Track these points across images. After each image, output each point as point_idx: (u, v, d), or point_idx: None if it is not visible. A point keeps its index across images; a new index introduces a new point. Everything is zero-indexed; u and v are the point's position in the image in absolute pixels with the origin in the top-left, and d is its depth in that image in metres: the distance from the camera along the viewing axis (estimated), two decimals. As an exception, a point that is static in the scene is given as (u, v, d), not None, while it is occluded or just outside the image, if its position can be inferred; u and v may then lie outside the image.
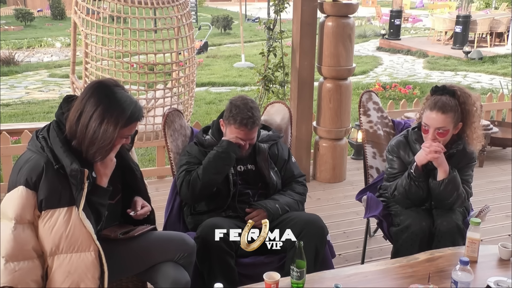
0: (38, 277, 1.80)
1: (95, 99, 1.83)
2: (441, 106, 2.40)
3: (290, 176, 2.62)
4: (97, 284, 1.82)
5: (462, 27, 13.08)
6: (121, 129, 1.86)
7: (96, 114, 1.81)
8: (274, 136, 2.65)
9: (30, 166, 1.80)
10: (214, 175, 2.38)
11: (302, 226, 2.32)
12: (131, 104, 1.87)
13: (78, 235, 1.80)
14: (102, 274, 1.84)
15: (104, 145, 1.84)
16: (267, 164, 2.53)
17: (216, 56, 13.06)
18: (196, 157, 2.50)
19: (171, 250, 2.08)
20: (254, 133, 2.45)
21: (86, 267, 1.81)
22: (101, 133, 1.81)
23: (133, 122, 1.90)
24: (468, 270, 1.87)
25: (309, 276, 1.99)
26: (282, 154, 2.63)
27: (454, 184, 2.45)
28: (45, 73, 11.11)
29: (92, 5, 4.04)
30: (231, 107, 2.42)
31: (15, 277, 1.74)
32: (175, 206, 2.65)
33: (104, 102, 1.82)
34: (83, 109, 1.83)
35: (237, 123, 2.38)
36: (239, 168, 2.51)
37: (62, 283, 1.80)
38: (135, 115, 1.89)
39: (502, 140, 5.06)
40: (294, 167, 2.66)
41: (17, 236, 1.75)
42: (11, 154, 3.84)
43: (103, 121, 1.81)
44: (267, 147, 2.58)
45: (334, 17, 4.07)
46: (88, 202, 1.86)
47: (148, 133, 4.08)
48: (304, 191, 2.64)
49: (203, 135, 2.59)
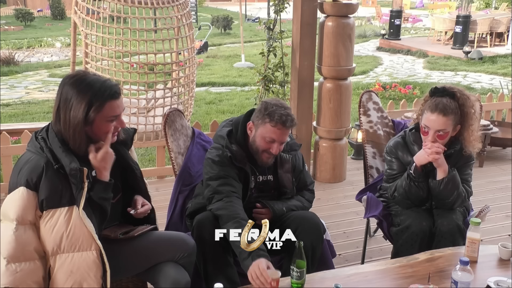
0: (40, 278, 1.80)
1: (67, 87, 1.83)
2: (442, 108, 2.39)
3: (303, 185, 2.57)
4: (99, 283, 1.83)
5: (462, 27, 13.08)
6: (96, 109, 1.81)
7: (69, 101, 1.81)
8: (294, 145, 2.54)
9: (30, 166, 1.80)
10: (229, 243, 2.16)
11: (298, 223, 2.30)
12: (98, 82, 1.84)
13: (79, 234, 1.80)
14: (104, 273, 1.84)
15: (77, 125, 1.80)
16: (291, 175, 2.45)
17: (216, 56, 13.06)
18: (228, 168, 2.32)
19: (171, 250, 2.08)
20: (287, 135, 2.32)
21: (88, 266, 1.81)
22: (72, 114, 1.80)
23: (106, 100, 1.84)
24: (468, 270, 1.87)
25: (309, 276, 1.99)
26: (299, 165, 2.55)
27: (454, 183, 2.45)
28: (45, 73, 11.12)
29: (92, 5, 4.04)
30: (266, 106, 2.29)
31: (17, 278, 1.74)
32: (177, 206, 2.64)
33: (75, 88, 1.81)
34: (59, 102, 1.83)
35: (274, 121, 2.23)
36: (258, 179, 2.43)
37: (64, 283, 1.80)
38: (105, 92, 1.83)
39: (502, 140, 5.06)
40: (307, 176, 2.60)
41: (18, 237, 1.76)
42: (11, 154, 3.85)
43: (73, 103, 1.80)
44: (290, 158, 2.47)
45: (334, 17, 4.07)
46: (91, 200, 1.86)
47: (148, 133, 4.08)
48: (312, 198, 2.61)
49: (230, 143, 2.37)
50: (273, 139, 2.27)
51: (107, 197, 1.93)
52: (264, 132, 2.28)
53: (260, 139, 2.30)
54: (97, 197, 1.88)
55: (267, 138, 2.28)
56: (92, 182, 1.89)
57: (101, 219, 1.92)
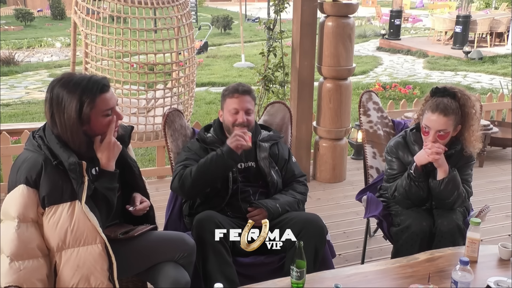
0: (44, 276, 1.80)
1: (56, 90, 1.83)
2: (443, 108, 2.39)
3: (291, 176, 2.63)
4: (106, 276, 1.83)
5: (462, 27, 13.08)
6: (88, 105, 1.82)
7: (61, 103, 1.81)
8: (275, 136, 2.66)
9: (29, 164, 1.81)
10: (206, 176, 2.35)
11: (302, 226, 2.32)
12: (84, 80, 1.85)
13: (83, 228, 1.81)
14: (111, 265, 1.85)
15: (73, 125, 1.81)
16: (268, 162, 2.54)
17: (216, 56, 13.06)
18: (196, 153, 2.50)
19: (171, 250, 2.09)
20: (249, 102, 2.48)
21: (94, 260, 1.82)
22: (66, 116, 1.81)
23: (96, 94, 1.84)
24: (468, 270, 1.87)
25: (309, 276, 1.99)
26: (282, 154, 2.64)
27: (454, 183, 2.45)
28: (45, 73, 11.11)
29: (92, 5, 4.04)
30: (223, 90, 2.56)
31: (20, 276, 1.74)
32: (176, 206, 2.65)
33: (64, 89, 1.82)
34: (51, 107, 1.83)
35: (229, 92, 2.48)
36: (239, 165, 2.51)
37: (71, 278, 1.80)
38: (93, 87, 1.84)
39: (502, 140, 5.06)
40: (295, 167, 2.67)
41: (21, 235, 1.76)
42: (11, 154, 3.85)
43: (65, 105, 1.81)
44: (268, 146, 2.59)
45: (334, 17, 4.07)
46: (94, 193, 1.87)
47: (148, 133, 4.08)
48: (305, 190, 2.64)
49: (204, 133, 2.60)
50: (236, 108, 2.46)
51: (112, 187, 1.93)
52: (227, 106, 2.49)
53: (227, 115, 2.49)
54: (102, 187, 1.89)
55: (231, 110, 2.47)
56: (98, 173, 1.90)
57: (107, 211, 1.93)
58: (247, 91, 2.49)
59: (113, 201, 1.94)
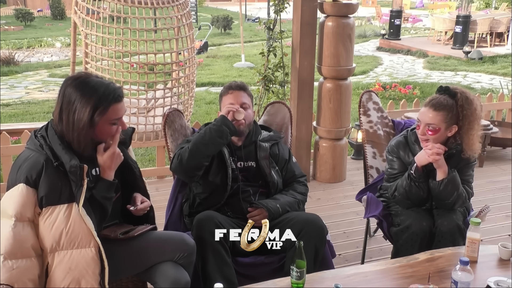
0: (35, 276, 1.80)
1: (70, 89, 1.84)
2: (435, 103, 2.42)
3: (291, 176, 2.63)
4: (97, 280, 1.83)
5: (462, 27, 13.07)
6: (100, 112, 1.84)
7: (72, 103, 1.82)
8: (275, 136, 2.67)
9: (29, 164, 1.81)
10: (202, 145, 2.37)
11: (302, 226, 2.32)
12: (102, 86, 1.86)
13: (78, 231, 1.80)
14: (103, 270, 1.84)
15: (81, 129, 1.82)
16: (268, 162, 2.54)
17: (216, 56, 13.06)
18: None
19: (171, 250, 2.08)
20: (244, 97, 2.52)
21: (86, 263, 1.82)
22: (76, 118, 1.82)
23: (110, 103, 1.86)
24: (468, 270, 1.87)
25: (309, 276, 1.99)
26: (283, 154, 2.64)
27: (453, 184, 2.44)
28: (45, 73, 11.11)
29: (92, 5, 4.04)
30: (220, 91, 2.61)
31: (13, 275, 1.74)
32: (176, 206, 2.65)
33: (78, 90, 1.83)
34: (61, 104, 1.84)
35: (225, 90, 2.55)
36: (239, 165, 2.51)
37: (62, 280, 1.80)
38: (109, 96, 1.86)
39: (502, 140, 5.06)
40: (295, 167, 2.67)
41: (16, 234, 1.76)
42: (11, 154, 3.85)
43: (77, 106, 1.82)
44: (268, 146, 2.59)
45: (334, 17, 4.07)
46: (92, 198, 1.87)
47: (148, 133, 4.08)
48: (306, 191, 2.65)
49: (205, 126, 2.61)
50: (232, 103, 2.49)
51: (109, 197, 1.94)
52: (224, 104, 2.53)
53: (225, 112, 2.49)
54: (99, 195, 1.90)
55: (226, 110, 2.47)
56: (96, 180, 1.90)
57: (101, 218, 1.93)
58: (241, 87, 2.55)
59: (108, 210, 1.95)
